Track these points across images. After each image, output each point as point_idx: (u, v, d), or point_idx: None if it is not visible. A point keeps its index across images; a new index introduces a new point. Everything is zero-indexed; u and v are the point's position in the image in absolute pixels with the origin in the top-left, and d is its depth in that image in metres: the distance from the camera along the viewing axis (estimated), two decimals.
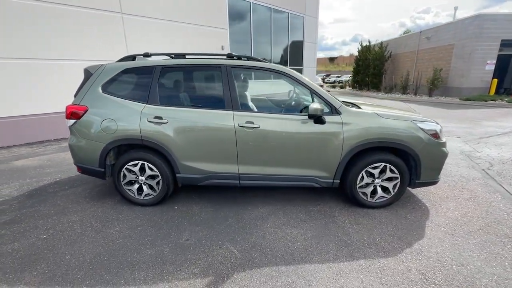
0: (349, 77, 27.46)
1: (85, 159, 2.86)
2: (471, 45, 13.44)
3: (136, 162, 2.78)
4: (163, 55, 3.11)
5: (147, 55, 2.92)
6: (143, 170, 2.81)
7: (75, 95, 2.84)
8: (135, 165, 2.78)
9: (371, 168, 2.70)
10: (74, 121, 2.77)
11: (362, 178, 2.74)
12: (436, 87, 14.67)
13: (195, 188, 3.36)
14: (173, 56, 3.02)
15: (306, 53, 13.45)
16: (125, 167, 2.79)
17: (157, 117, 2.66)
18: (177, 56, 2.94)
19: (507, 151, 4.90)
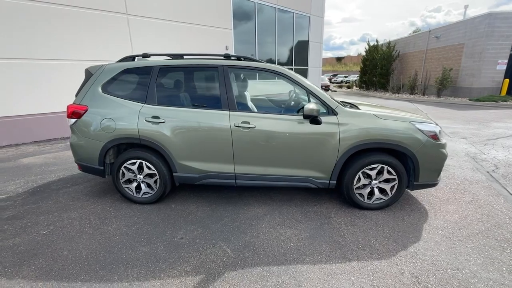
0: (356, 77, 27.13)
1: (85, 158, 2.93)
2: (482, 44, 13.12)
3: (134, 160, 2.82)
4: (162, 55, 3.16)
5: (146, 55, 2.96)
6: (141, 168, 2.86)
7: (76, 95, 2.91)
8: (133, 164, 2.83)
9: (368, 169, 2.68)
10: (75, 120, 2.84)
11: (359, 179, 2.71)
12: (445, 87, 14.37)
13: (194, 187, 3.40)
14: (171, 56, 3.06)
15: (311, 53, 13.36)
16: (123, 166, 2.84)
17: (154, 117, 2.70)
18: (175, 56, 2.98)
19: None
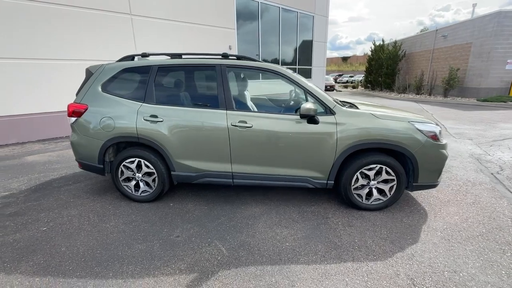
0: (362, 77, 26.88)
1: (85, 156, 2.97)
2: (490, 43, 12.85)
3: (133, 159, 2.85)
4: (161, 55, 3.18)
5: (145, 55, 2.99)
6: (139, 167, 2.88)
7: (77, 94, 2.95)
8: (132, 162, 2.86)
9: (366, 169, 2.65)
10: (75, 119, 2.88)
11: (357, 179, 2.68)
12: (452, 88, 14.13)
13: (192, 186, 3.41)
14: (170, 56, 3.08)
15: (315, 53, 13.30)
16: (122, 164, 2.87)
17: (152, 116, 2.72)
18: (174, 56, 3.00)
19: None
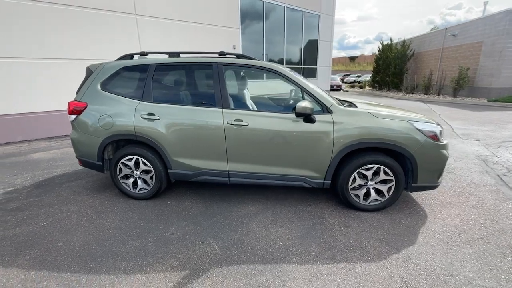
0: (369, 76, 26.52)
1: (85, 153, 3.01)
2: (502, 42, 12.49)
3: (131, 157, 2.88)
4: (160, 54, 3.20)
5: (143, 53, 3.02)
6: (137, 165, 2.91)
7: (77, 92, 3.00)
8: (130, 160, 2.89)
9: (364, 169, 2.60)
10: (75, 116, 2.93)
11: (354, 179, 2.64)
12: (461, 88, 13.80)
13: (190, 184, 3.43)
14: (168, 54, 3.09)
15: (321, 52, 13.20)
16: (121, 162, 2.91)
17: (150, 114, 2.75)
18: (172, 54, 3.01)
19: None
